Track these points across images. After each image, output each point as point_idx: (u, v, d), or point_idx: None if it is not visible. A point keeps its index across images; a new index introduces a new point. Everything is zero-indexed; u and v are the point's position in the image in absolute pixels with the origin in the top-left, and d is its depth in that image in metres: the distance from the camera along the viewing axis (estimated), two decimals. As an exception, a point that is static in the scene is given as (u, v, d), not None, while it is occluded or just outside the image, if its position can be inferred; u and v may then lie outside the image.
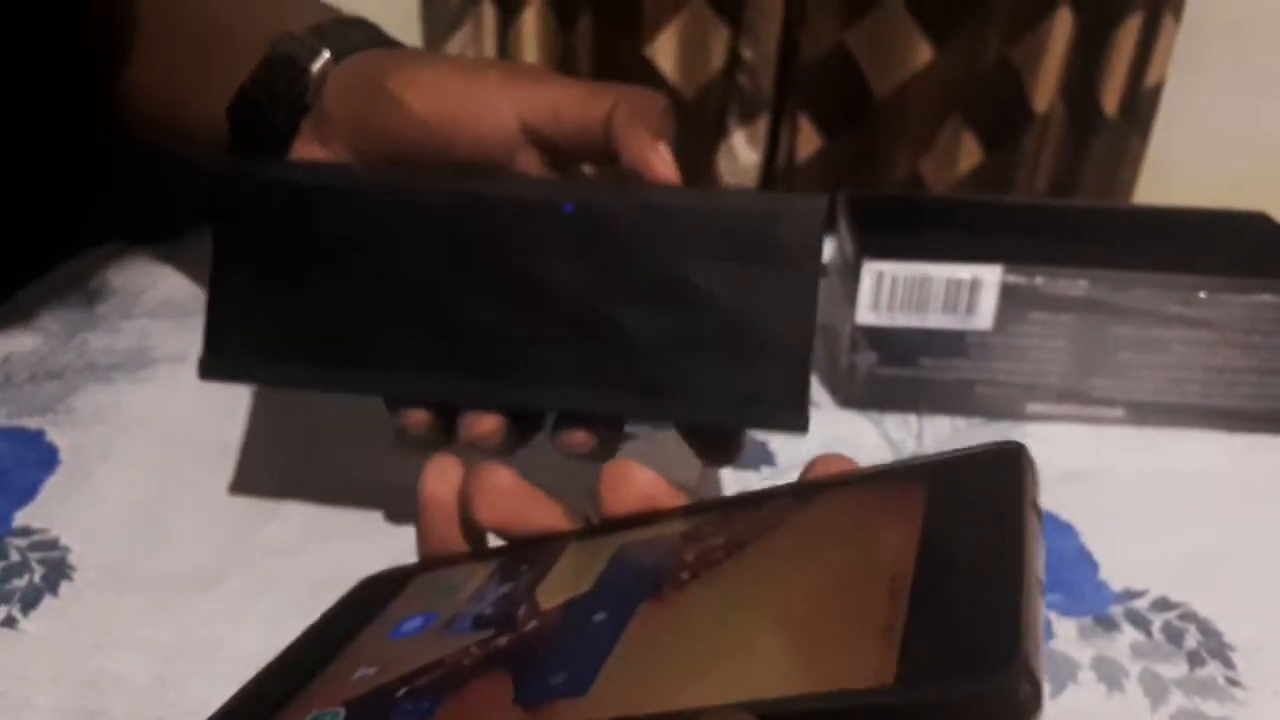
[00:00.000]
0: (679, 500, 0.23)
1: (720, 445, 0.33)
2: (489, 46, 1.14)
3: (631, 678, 0.17)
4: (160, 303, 0.49)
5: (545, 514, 0.24)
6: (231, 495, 0.37)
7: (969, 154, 1.18)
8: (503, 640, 0.20)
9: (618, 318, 0.31)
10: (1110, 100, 1.14)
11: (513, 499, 0.24)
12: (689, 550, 0.20)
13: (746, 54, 1.12)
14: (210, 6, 0.42)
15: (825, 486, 0.21)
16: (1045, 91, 1.12)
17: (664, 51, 1.14)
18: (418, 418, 0.32)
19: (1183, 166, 1.22)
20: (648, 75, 1.14)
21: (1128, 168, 1.20)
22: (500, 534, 0.25)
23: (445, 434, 0.32)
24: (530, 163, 0.34)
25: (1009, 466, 0.19)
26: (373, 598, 0.25)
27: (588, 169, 0.40)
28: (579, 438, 0.31)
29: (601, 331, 0.31)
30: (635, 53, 1.13)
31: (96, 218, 0.55)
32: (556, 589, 0.21)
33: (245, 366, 0.32)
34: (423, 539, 0.26)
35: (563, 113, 0.33)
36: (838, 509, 0.20)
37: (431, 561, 0.26)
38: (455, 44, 1.17)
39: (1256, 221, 0.46)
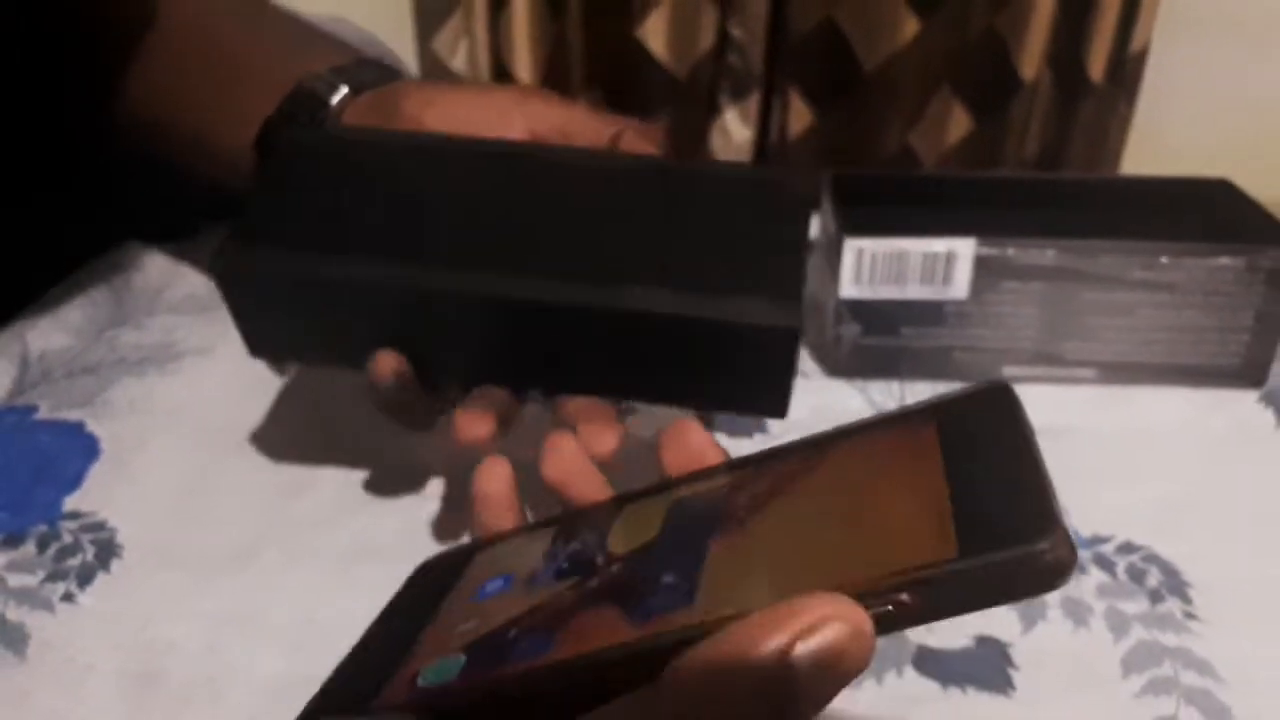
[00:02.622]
0: (725, 456, 0.26)
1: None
2: (480, 32, 1.15)
3: (731, 584, 0.20)
4: (182, 298, 0.52)
5: (591, 480, 0.28)
6: (262, 476, 0.40)
7: (958, 124, 1.20)
8: (593, 582, 0.22)
9: (620, 262, 0.32)
10: (1096, 66, 1.15)
11: (574, 460, 0.28)
12: (740, 496, 0.23)
13: (736, 32, 1.14)
14: (236, 40, 0.45)
15: (847, 434, 0.24)
16: (1032, 60, 1.14)
17: (654, 32, 1.15)
18: (385, 365, 0.32)
19: (1171, 130, 1.23)
20: (639, 57, 1.15)
21: (1116, 133, 1.21)
22: (559, 491, 0.28)
23: (418, 395, 0.34)
24: None
25: (1003, 398, 0.22)
26: (438, 577, 0.27)
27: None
28: (579, 404, 0.33)
29: (605, 263, 0.32)
30: (626, 35, 1.15)
31: (115, 219, 0.58)
32: (626, 539, 0.24)
33: (269, 257, 0.32)
34: (475, 530, 0.29)
35: (571, 132, 0.36)
36: (865, 448, 0.23)
37: (486, 541, 0.28)
38: (447, 31, 1.18)
39: (1219, 188, 0.48)
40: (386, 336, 0.33)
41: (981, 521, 0.18)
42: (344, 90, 0.39)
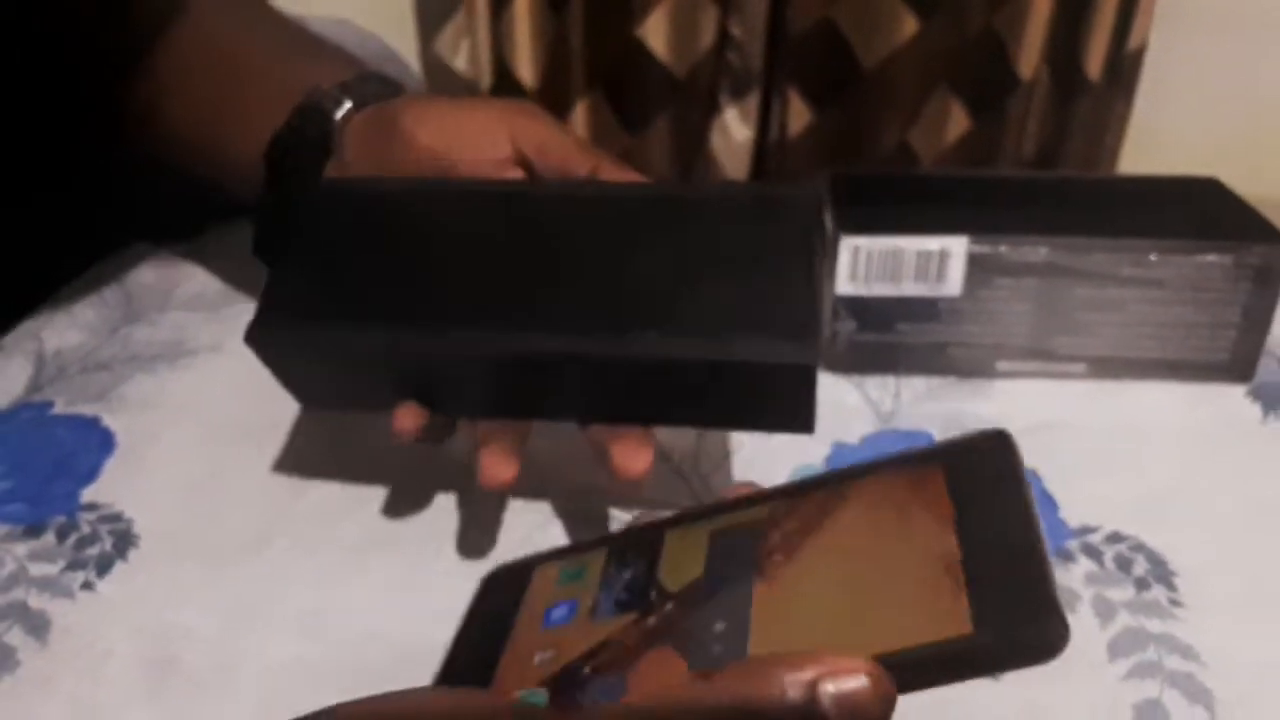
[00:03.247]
0: None
1: None
2: (482, 31, 1.16)
3: (776, 640, 0.22)
4: (192, 296, 0.53)
5: None
6: (273, 468, 0.41)
7: (956, 122, 1.21)
8: (650, 621, 0.25)
9: (633, 302, 0.33)
10: (1094, 64, 1.16)
11: None
12: (773, 535, 0.26)
13: (735, 31, 1.15)
14: (244, 52, 0.47)
15: (860, 474, 0.26)
16: (1029, 58, 1.15)
17: (655, 32, 1.16)
18: (407, 421, 0.34)
19: (1167, 128, 1.24)
20: (640, 56, 1.17)
21: (1113, 130, 1.22)
22: None
23: (442, 436, 0.36)
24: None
25: (1003, 449, 0.25)
26: (506, 593, 0.29)
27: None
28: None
29: (620, 311, 0.33)
30: (627, 34, 1.16)
31: (124, 219, 0.59)
32: (674, 573, 0.26)
33: (294, 329, 0.34)
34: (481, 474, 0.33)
35: (549, 150, 0.38)
36: (881, 494, 0.25)
37: (541, 556, 0.31)
38: (449, 31, 1.19)
39: (1207, 186, 0.49)
40: (414, 389, 0.35)
41: (992, 600, 0.21)
42: (348, 105, 0.41)
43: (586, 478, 0.40)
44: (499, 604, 0.29)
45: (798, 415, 0.33)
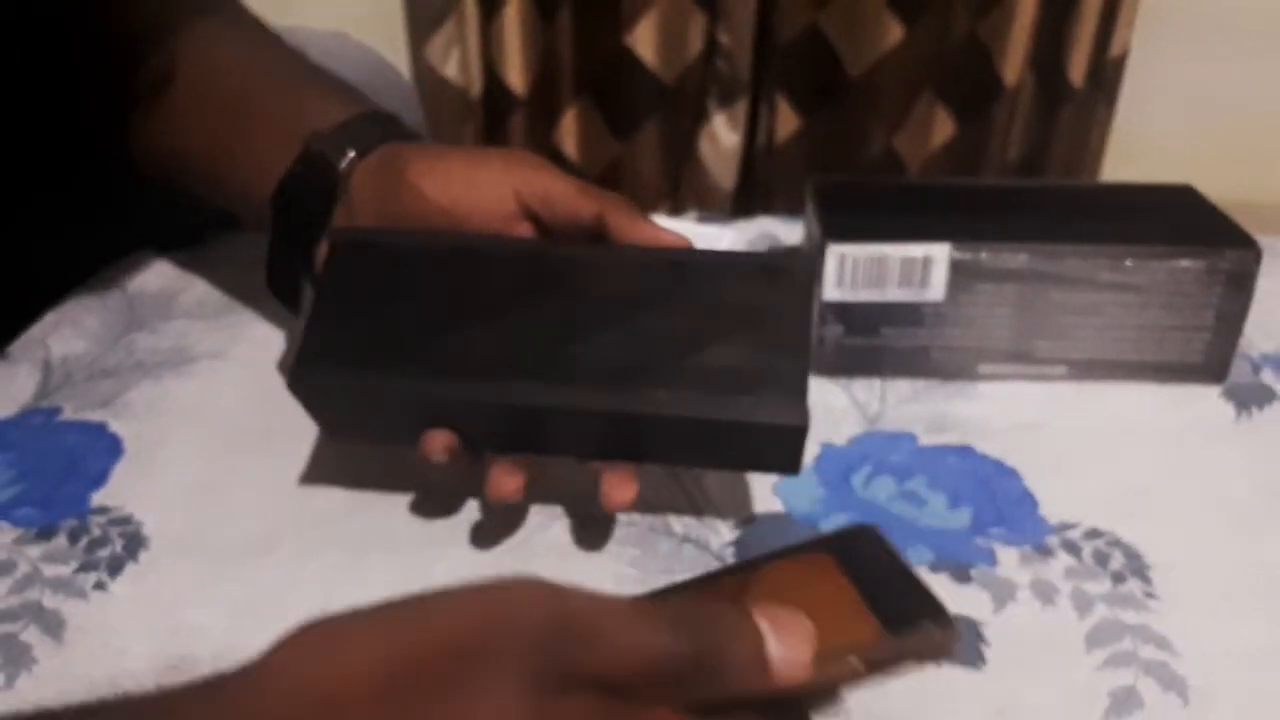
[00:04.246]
0: None
1: None
2: (472, 41, 1.17)
3: None
4: (194, 304, 0.54)
5: None
6: (277, 471, 0.42)
7: (942, 128, 1.23)
8: None
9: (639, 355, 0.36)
10: (1077, 71, 1.18)
11: None
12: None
13: (723, 39, 1.16)
14: (248, 87, 0.48)
15: (763, 561, 0.33)
16: (1014, 64, 1.17)
17: (643, 40, 1.18)
18: (438, 443, 0.36)
19: (1150, 133, 1.26)
20: (628, 64, 1.18)
21: (1096, 136, 1.24)
22: None
23: (463, 463, 0.38)
24: (525, 234, 0.40)
25: (873, 538, 0.33)
26: None
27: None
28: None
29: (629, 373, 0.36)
30: (616, 42, 1.17)
31: (127, 228, 0.60)
32: None
33: (331, 376, 0.37)
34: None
35: (553, 200, 0.39)
36: (786, 571, 0.32)
37: None
38: (439, 39, 1.20)
39: (1183, 194, 0.51)
40: (434, 427, 0.37)
41: (893, 615, 0.30)
42: (351, 154, 0.42)
43: (586, 481, 0.42)
44: None
45: (787, 463, 0.37)
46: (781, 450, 0.36)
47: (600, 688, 0.23)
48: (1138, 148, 1.26)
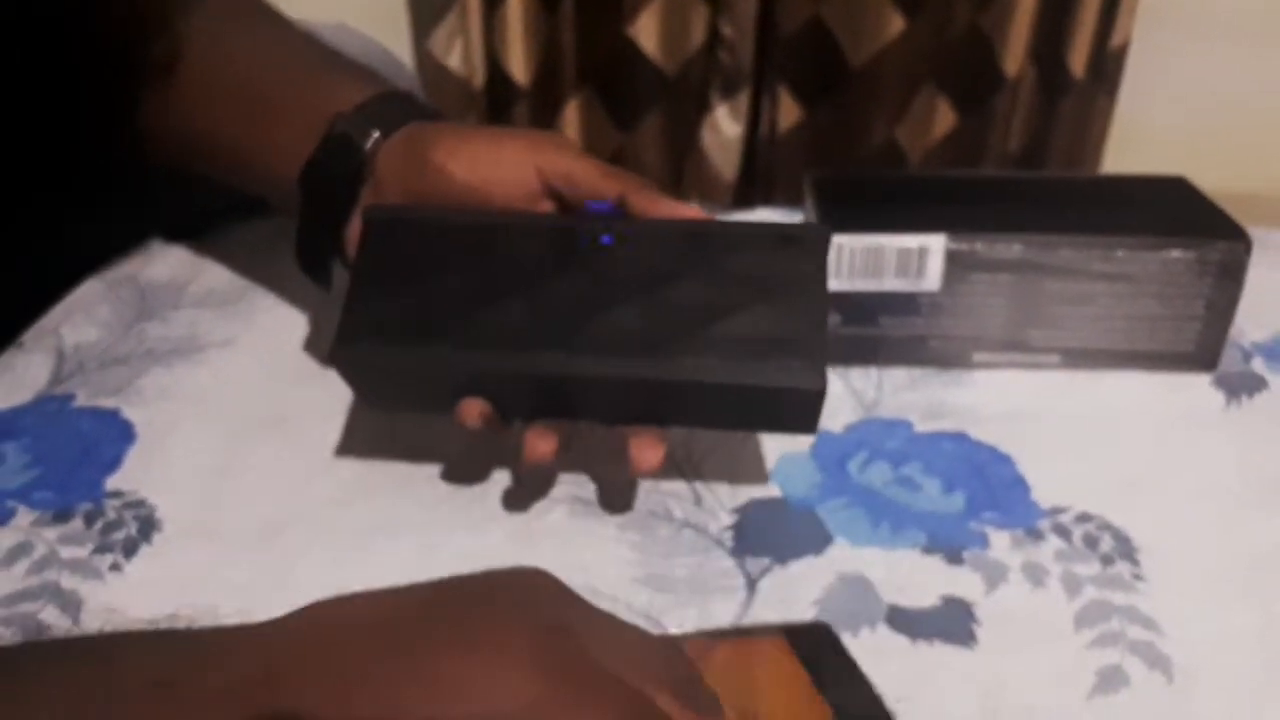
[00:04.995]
0: None
1: None
2: (474, 32, 1.18)
3: None
4: (204, 293, 0.55)
5: None
6: (286, 458, 0.43)
7: (943, 119, 1.23)
8: None
9: (659, 327, 0.37)
10: (1078, 62, 1.18)
11: None
12: None
13: (726, 30, 1.17)
14: (264, 68, 0.48)
15: (724, 637, 0.33)
16: (1015, 56, 1.17)
17: (646, 31, 1.18)
18: (473, 409, 0.38)
19: (1150, 124, 1.27)
20: (631, 55, 1.18)
21: (1097, 127, 1.25)
22: None
23: (496, 428, 0.39)
24: (548, 211, 0.41)
25: (826, 634, 0.34)
26: None
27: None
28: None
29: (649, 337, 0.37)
30: (618, 33, 1.18)
31: (137, 217, 0.61)
32: None
33: (372, 351, 0.38)
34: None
35: (576, 179, 0.40)
36: (747, 652, 0.32)
37: None
38: (442, 30, 1.21)
39: (1175, 185, 0.51)
40: (471, 396, 0.39)
41: (844, 709, 0.30)
42: (375, 134, 0.43)
43: (585, 468, 0.43)
44: None
45: (804, 424, 0.39)
46: (800, 413, 0.38)
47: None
48: (1139, 139, 1.27)
